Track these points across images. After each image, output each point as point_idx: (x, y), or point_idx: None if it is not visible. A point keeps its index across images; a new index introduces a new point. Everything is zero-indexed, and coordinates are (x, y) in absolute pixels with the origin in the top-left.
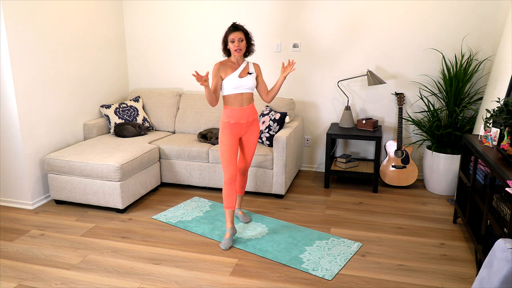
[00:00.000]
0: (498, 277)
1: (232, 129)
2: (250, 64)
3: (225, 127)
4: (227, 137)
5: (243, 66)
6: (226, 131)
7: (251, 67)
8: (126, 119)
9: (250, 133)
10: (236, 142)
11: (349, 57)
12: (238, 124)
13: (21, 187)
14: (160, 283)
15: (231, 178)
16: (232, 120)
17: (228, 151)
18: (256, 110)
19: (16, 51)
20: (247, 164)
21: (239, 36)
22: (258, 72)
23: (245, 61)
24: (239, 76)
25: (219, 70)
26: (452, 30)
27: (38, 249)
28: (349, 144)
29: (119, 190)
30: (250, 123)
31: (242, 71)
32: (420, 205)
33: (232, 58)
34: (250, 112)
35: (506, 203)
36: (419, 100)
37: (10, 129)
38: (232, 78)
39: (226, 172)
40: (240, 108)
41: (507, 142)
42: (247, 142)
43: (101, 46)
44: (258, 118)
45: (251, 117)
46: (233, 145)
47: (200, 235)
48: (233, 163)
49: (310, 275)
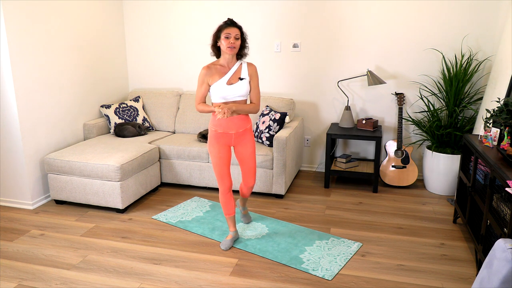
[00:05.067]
0: (498, 277)
1: (220, 139)
2: (243, 65)
3: (212, 136)
4: (215, 147)
5: (234, 69)
6: (213, 141)
7: (243, 71)
8: (126, 119)
9: (242, 144)
10: (226, 153)
11: (349, 57)
12: (226, 134)
13: (21, 187)
14: (160, 283)
15: (226, 189)
16: (219, 129)
17: (219, 163)
18: (249, 119)
19: (16, 51)
20: (250, 179)
21: (236, 32)
22: (253, 74)
23: (237, 63)
24: (227, 83)
25: (206, 76)
26: (452, 30)
27: (38, 249)
28: (349, 144)
29: (119, 190)
30: (240, 134)
31: (232, 76)
32: (420, 205)
33: (221, 60)
34: (240, 122)
35: (506, 203)
36: (419, 100)
37: (10, 129)
38: (219, 86)
39: (220, 185)
40: (229, 117)
41: (507, 142)
42: (242, 156)
43: (101, 46)
44: (252, 128)
45: (241, 127)
46: (223, 156)
47: (200, 235)
48: (226, 175)
49: (310, 275)
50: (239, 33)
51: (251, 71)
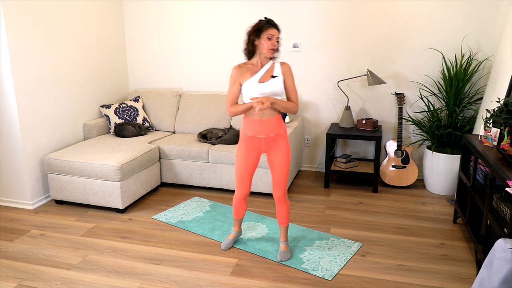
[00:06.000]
0: (498, 277)
1: (248, 143)
2: (276, 64)
3: (241, 139)
4: (242, 151)
5: (266, 67)
6: (241, 145)
7: (276, 69)
8: (126, 119)
9: (274, 151)
10: (253, 160)
11: (349, 57)
12: (255, 138)
13: (21, 187)
14: (160, 283)
15: (241, 196)
16: (248, 132)
17: (241, 168)
18: (283, 124)
19: (16, 51)
20: (279, 189)
21: (278, 35)
22: (287, 73)
23: (269, 62)
24: (259, 81)
25: (237, 75)
26: (452, 30)
27: (38, 249)
28: (349, 144)
29: (119, 190)
30: (271, 139)
31: (265, 75)
32: (420, 205)
33: (254, 60)
34: (272, 126)
35: (506, 203)
36: (419, 100)
37: (10, 129)
38: (251, 84)
39: (236, 190)
40: (259, 119)
41: (507, 142)
42: (272, 163)
43: (101, 46)
44: (286, 134)
45: (272, 132)
46: (248, 163)
47: (200, 235)
48: (245, 183)
49: (310, 275)
50: (278, 34)
51: (284, 70)
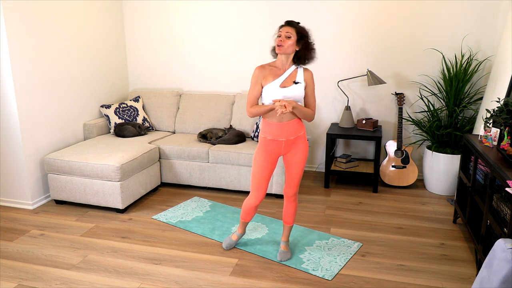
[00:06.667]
0: (498, 277)
1: (268, 147)
2: (299, 70)
3: (260, 143)
4: (262, 155)
5: (289, 72)
6: (261, 149)
7: (299, 75)
8: (126, 119)
9: (293, 152)
10: (272, 163)
11: (349, 57)
12: (276, 142)
13: (21, 187)
14: (160, 283)
15: (255, 203)
16: (269, 136)
17: (259, 172)
18: (302, 126)
19: (16, 51)
20: (291, 188)
21: (287, 30)
22: (309, 80)
23: (293, 67)
24: (281, 86)
25: (259, 76)
26: (452, 30)
27: (38, 249)
28: (349, 144)
29: (119, 190)
30: (291, 142)
31: (286, 79)
32: (420, 205)
33: (277, 62)
34: (291, 129)
35: (506, 203)
36: (419, 100)
37: (10, 129)
38: (272, 88)
39: (251, 196)
40: (279, 123)
41: (507, 142)
42: (289, 163)
43: (101, 46)
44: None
45: (292, 135)
46: (266, 167)
47: (200, 235)
48: (262, 188)
49: (310, 275)
50: (292, 32)
51: (306, 77)
